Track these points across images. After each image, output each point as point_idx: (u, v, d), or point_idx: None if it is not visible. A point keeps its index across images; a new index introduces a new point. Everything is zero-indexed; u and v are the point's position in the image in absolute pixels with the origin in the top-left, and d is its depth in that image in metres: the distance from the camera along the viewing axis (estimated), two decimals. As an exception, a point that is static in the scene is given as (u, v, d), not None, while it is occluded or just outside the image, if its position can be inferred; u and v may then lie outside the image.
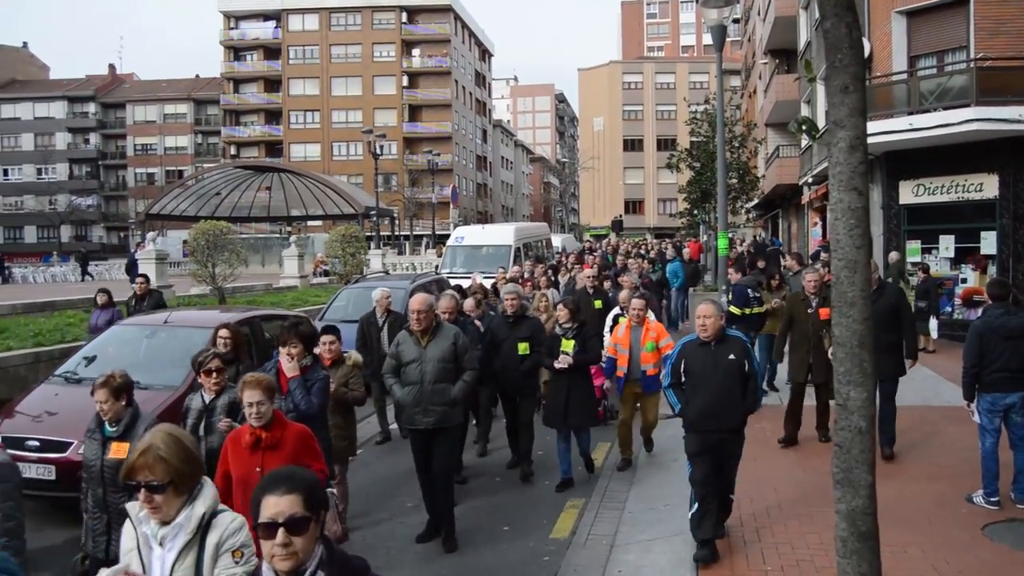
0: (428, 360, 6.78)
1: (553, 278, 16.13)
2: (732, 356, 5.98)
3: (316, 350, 6.74)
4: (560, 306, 8.57)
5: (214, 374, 5.80)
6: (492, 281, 15.01)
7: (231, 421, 5.53)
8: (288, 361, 6.07)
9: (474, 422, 9.92)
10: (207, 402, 5.80)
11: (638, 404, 8.81)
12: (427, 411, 6.78)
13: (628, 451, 8.74)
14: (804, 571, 5.63)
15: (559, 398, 8.19)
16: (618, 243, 34.97)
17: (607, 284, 13.72)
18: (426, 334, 6.85)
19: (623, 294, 10.31)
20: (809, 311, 9.01)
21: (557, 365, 8.06)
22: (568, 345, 8.12)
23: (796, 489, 7.46)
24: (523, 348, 8.73)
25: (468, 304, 9.94)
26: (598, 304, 12.23)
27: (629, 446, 8.74)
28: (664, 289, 18.98)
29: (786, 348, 9.46)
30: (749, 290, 12.03)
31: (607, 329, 10.27)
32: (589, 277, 13.39)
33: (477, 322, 9.58)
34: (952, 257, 16.86)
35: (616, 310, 10.39)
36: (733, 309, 11.56)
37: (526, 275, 16.65)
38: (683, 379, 6.18)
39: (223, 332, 7.39)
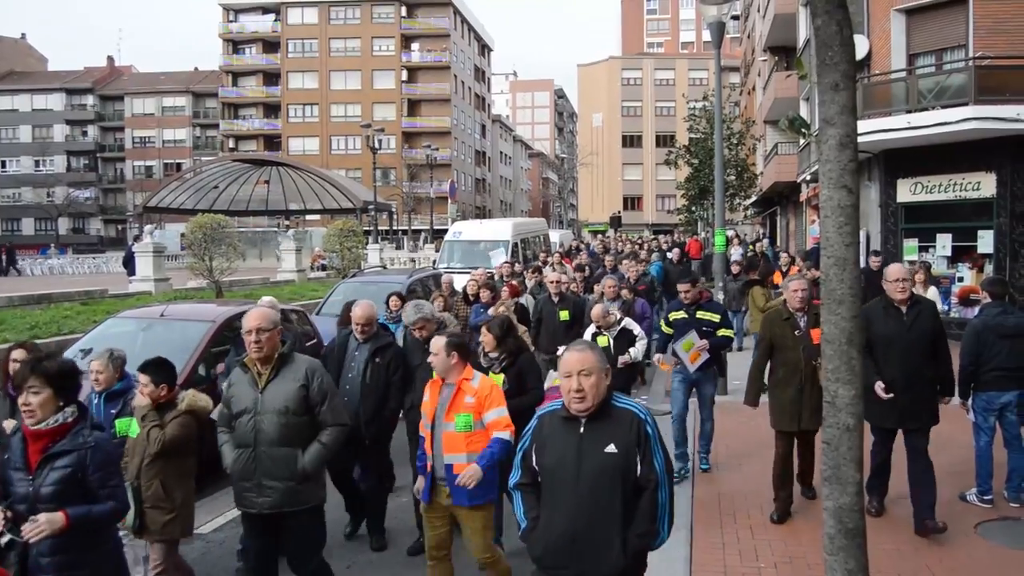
0: (265, 411, 4.71)
1: (524, 281, 13.77)
2: (612, 448, 3.45)
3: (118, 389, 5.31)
4: (483, 330, 6.30)
5: None
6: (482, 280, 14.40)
7: None
8: (31, 418, 3.75)
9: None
10: None
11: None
12: (262, 488, 4.73)
13: None
14: (797, 568, 5.65)
15: None
16: (607, 240, 33.85)
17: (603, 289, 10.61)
18: (266, 369, 4.80)
19: (595, 309, 8.45)
20: (797, 333, 6.62)
21: None
22: (496, 380, 5.80)
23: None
24: None
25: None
26: (565, 316, 9.98)
27: None
28: (655, 294, 15.55)
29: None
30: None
31: None
32: (554, 282, 10.49)
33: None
34: (949, 256, 16.87)
35: (592, 327, 8.60)
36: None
37: (505, 277, 14.37)
38: (539, 476, 3.71)
39: (17, 353, 5.59)
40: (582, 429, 3.50)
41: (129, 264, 26.28)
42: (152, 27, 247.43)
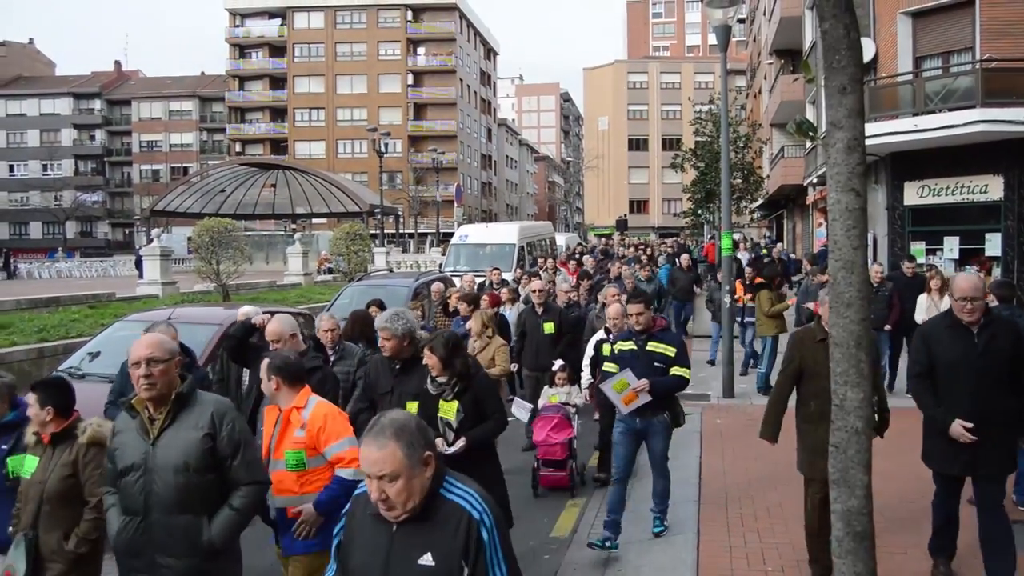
0: (158, 468, 3.67)
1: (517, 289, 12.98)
2: (428, 559, 2.57)
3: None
4: (426, 351, 5.21)
5: None
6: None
7: None
8: None
9: None
10: None
11: None
12: (155, 568, 3.71)
13: None
14: (804, 571, 5.63)
15: None
16: (610, 245, 33.17)
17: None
18: (160, 413, 3.75)
19: (611, 309, 7.36)
20: None
21: (439, 449, 4.75)
22: (449, 410, 5.14)
23: (797, 489, 7.43)
24: (412, 411, 5.18)
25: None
26: (549, 328, 9.32)
27: None
28: (662, 301, 15.53)
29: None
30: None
31: (586, 362, 8.32)
32: (537, 291, 9.69)
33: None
34: (956, 259, 16.83)
35: (600, 334, 7.84)
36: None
37: (495, 284, 14.02)
38: None
39: None
40: (394, 529, 2.59)
41: (140, 267, 26.41)
42: (159, 32, 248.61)
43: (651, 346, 6.29)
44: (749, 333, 13.22)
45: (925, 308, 10.32)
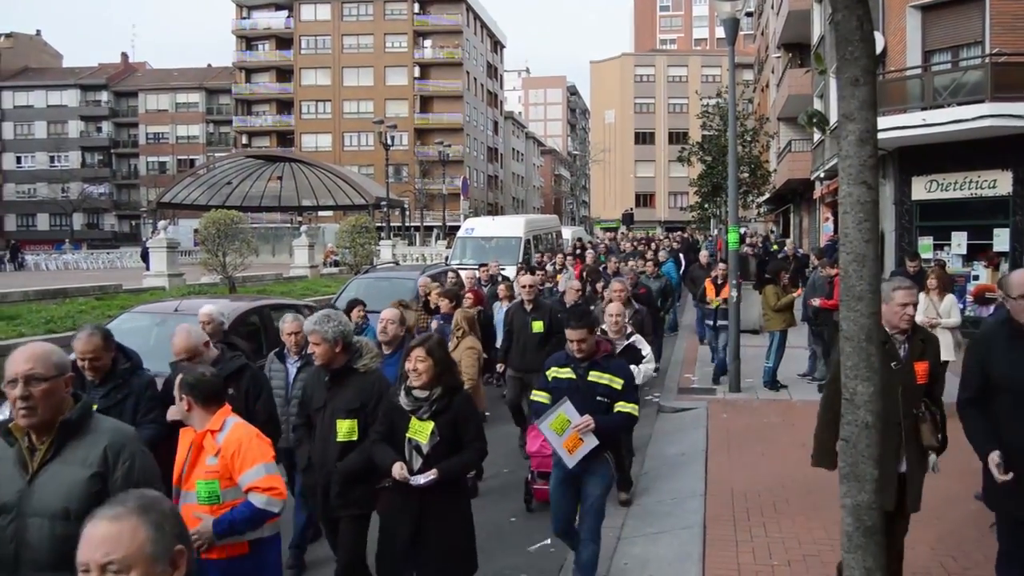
0: (33, 512, 2.87)
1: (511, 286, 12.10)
2: None
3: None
4: (417, 354, 4.38)
5: None
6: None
7: None
8: None
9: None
10: None
11: None
12: None
13: None
14: (811, 566, 5.62)
15: (401, 526, 4.40)
16: (614, 240, 32.75)
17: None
18: (43, 443, 2.94)
19: (612, 306, 6.97)
20: (894, 365, 4.44)
21: (400, 477, 4.27)
22: (422, 431, 4.34)
23: (804, 483, 7.43)
24: (346, 429, 4.76)
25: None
26: (538, 327, 8.73)
27: None
28: (667, 300, 14.73)
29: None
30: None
31: None
32: (526, 287, 9.16)
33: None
34: (964, 254, 16.78)
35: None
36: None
37: (483, 281, 13.68)
38: None
39: None
40: None
41: (146, 259, 26.54)
42: (166, 24, 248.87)
43: (593, 376, 5.13)
44: (723, 338, 12.51)
45: (923, 309, 10.03)
